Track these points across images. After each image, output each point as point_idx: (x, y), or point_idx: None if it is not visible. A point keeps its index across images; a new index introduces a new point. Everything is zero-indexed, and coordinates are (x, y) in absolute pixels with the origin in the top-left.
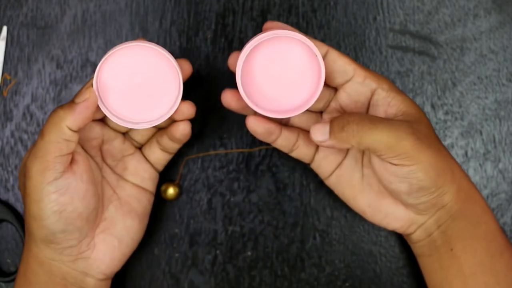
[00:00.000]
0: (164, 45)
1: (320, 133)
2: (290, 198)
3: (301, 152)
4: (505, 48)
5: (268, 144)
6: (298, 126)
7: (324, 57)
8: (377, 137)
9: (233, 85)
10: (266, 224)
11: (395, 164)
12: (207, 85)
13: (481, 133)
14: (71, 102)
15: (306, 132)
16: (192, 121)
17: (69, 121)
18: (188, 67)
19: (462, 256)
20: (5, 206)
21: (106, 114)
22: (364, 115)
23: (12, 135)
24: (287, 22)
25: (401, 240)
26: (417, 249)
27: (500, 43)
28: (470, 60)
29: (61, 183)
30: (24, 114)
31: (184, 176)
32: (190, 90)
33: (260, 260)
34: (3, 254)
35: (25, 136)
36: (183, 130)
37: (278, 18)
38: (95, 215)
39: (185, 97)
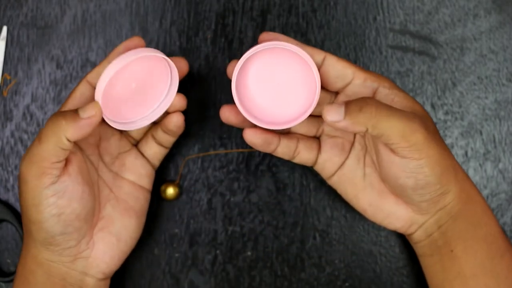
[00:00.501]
0: (164, 45)
1: (334, 113)
2: (290, 198)
3: (303, 157)
4: (505, 48)
5: None
6: (297, 132)
7: (322, 64)
8: (393, 124)
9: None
10: (266, 224)
11: (404, 157)
12: (207, 85)
13: (481, 133)
14: (75, 113)
15: (306, 137)
16: (192, 121)
17: (70, 133)
18: (183, 65)
19: (462, 257)
20: (5, 206)
21: (108, 123)
22: (381, 101)
23: (12, 135)
24: (287, 22)
25: (401, 240)
26: (418, 249)
27: (500, 43)
28: (470, 60)
29: (58, 187)
30: (24, 114)
31: (184, 176)
32: (190, 90)
33: (260, 260)
34: (3, 254)
35: (25, 136)
36: (176, 121)
37: (278, 18)
38: (92, 215)
39: (185, 96)
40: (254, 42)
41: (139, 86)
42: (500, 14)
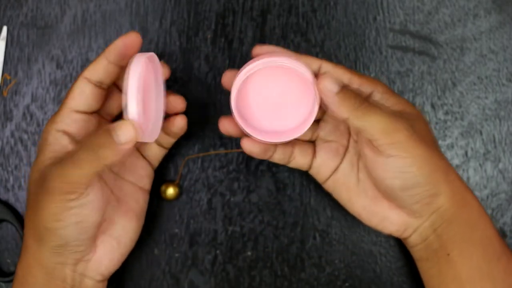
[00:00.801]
0: (164, 45)
1: (331, 83)
2: (290, 198)
3: (298, 162)
4: (505, 48)
5: None
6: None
7: (318, 71)
8: (379, 118)
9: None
10: (266, 224)
11: (390, 156)
12: (207, 85)
13: (481, 133)
14: (110, 138)
15: (301, 142)
16: (192, 121)
17: (109, 161)
18: (165, 71)
19: (459, 261)
20: (5, 206)
21: (146, 141)
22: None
23: (12, 135)
24: (287, 22)
25: (400, 240)
26: (415, 253)
27: (500, 43)
28: (470, 60)
29: (83, 200)
30: (24, 114)
31: (184, 176)
32: (190, 90)
33: (260, 260)
34: (3, 254)
35: (25, 136)
36: (179, 123)
37: (278, 18)
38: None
39: (185, 97)
40: (254, 42)
41: (144, 96)
42: (500, 14)
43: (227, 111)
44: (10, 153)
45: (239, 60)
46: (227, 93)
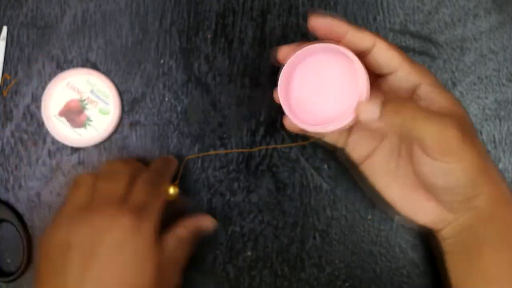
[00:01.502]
0: (164, 45)
1: (369, 112)
2: (290, 198)
3: (334, 137)
4: (505, 48)
5: (267, 144)
6: None
7: (371, 49)
8: (429, 128)
9: (232, 84)
10: (266, 224)
11: (436, 159)
12: (207, 85)
13: (481, 133)
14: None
15: None
16: (192, 121)
17: None
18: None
19: (491, 260)
20: (5, 206)
21: None
22: (418, 105)
23: (12, 135)
24: (287, 22)
25: (401, 240)
26: (446, 246)
27: (500, 43)
28: (470, 60)
29: None
30: (24, 114)
31: (184, 176)
32: (191, 90)
33: (260, 260)
34: (3, 254)
35: (25, 136)
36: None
37: (278, 18)
38: None
39: (185, 98)
40: (254, 42)
41: None
42: (500, 14)
43: (227, 111)
44: (10, 153)
45: (239, 60)
46: (227, 93)
